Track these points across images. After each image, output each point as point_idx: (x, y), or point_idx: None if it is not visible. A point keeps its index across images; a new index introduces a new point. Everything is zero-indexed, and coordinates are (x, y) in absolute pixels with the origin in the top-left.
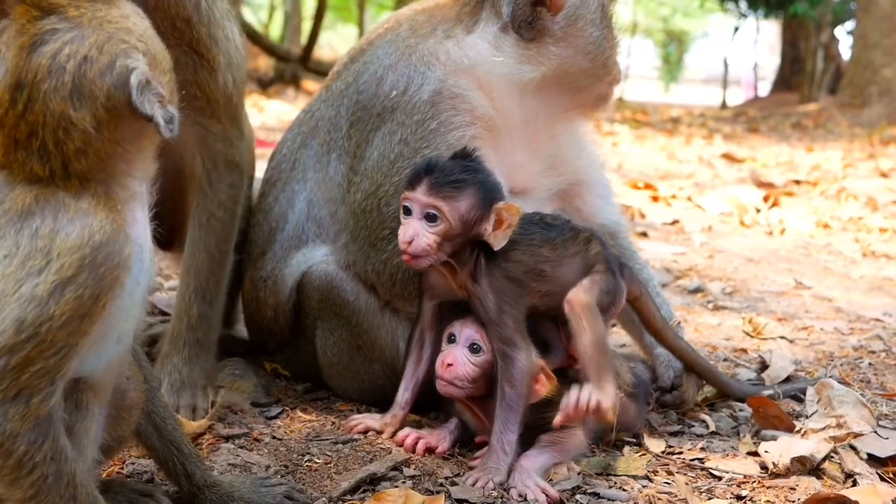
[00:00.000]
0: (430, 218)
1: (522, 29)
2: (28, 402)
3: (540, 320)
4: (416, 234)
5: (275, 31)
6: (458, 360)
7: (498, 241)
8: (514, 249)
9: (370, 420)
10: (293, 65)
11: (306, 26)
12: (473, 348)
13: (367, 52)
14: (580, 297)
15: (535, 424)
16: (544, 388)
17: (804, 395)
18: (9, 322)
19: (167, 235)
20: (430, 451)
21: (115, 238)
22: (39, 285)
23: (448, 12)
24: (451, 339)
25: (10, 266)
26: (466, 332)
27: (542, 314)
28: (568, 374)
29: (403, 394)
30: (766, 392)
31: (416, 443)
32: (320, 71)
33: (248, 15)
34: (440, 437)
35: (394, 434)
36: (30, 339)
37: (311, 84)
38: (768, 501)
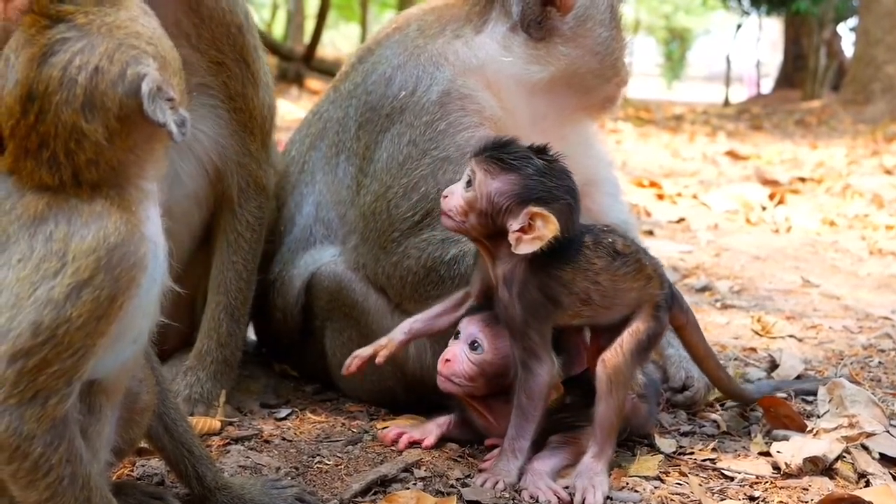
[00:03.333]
0: (468, 182)
1: (532, 29)
2: (45, 404)
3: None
4: (452, 192)
5: (277, 30)
6: (457, 357)
7: (519, 245)
8: (565, 269)
9: (363, 351)
10: (296, 63)
11: (309, 25)
12: (473, 346)
13: (375, 52)
14: (616, 360)
15: (546, 426)
16: (550, 397)
17: (815, 394)
18: (25, 325)
19: None
20: (414, 444)
21: (131, 238)
22: (55, 288)
23: (457, 12)
24: (457, 335)
25: (24, 270)
26: (470, 329)
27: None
28: (586, 379)
29: (413, 324)
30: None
31: (399, 437)
32: (324, 70)
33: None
34: (426, 431)
35: (394, 351)
36: (46, 341)
37: (314, 83)
38: (781, 502)
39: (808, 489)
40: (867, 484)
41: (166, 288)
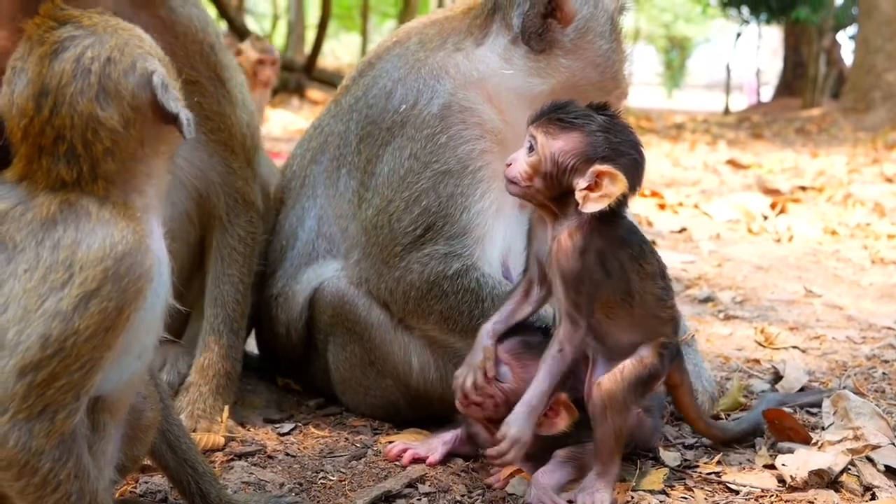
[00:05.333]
0: (530, 148)
1: (532, 41)
2: (53, 419)
3: None
4: (515, 159)
5: (278, 41)
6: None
7: (586, 204)
8: (625, 250)
9: (470, 381)
10: (297, 74)
11: (310, 35)
12: (500, 376)
13: (375, 65)
14: (612, 385)
15: (552, 441)
16: (564, 421)
17: (819, 406)
18: (34, 338)
19: None
20: (417, 461)
21: (138, 248)
22: (63, 300)
23: (458, 25)
24: None
25: (31, 280)
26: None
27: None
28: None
29: (494, 325)
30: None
31: (403, 453)
32: (324, 80)
33: (252, 24)
34: (431, 448)
35: (493, 350)
36: (55, 354)
37: (315, 93)
38: None
39: (813, 502)
40: (873, 497)
41: (168, 305)
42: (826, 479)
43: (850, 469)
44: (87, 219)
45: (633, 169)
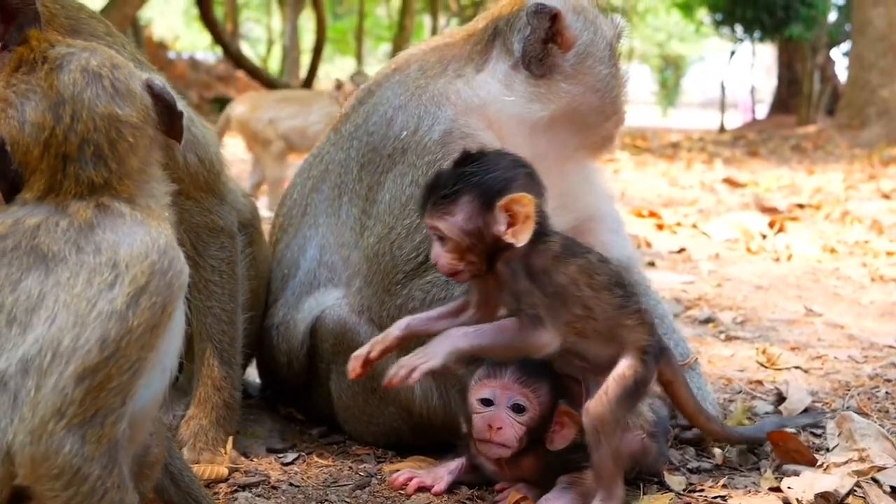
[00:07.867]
0: (439, 238)
1: (533, 66)
2: (103, 424)
3: (562, 375)
4: (438, 256)
5: (273, 65)
6: (506, 422)
7: (519, 237)
8: (571, 264)
9: (359, 352)
10: None
11: (305, 59)
12: (517, 408)
13: (375, 93)
14: (599, 408)
15: (555, 466)
16: (572, 430)
17: (822, 427)
18: (93, 341)
19: None
20: (422, 489)
21: (173, 244)
22: (117, 299)
23: (458, 51)
24: (487, 403)
25: (76, 286)
26: (507, 393)
27: (566, 369)
28: None
29: (410, 321)
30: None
31: (408, 482)
32: None
33: (247, 49)
34: (436, 477)
35: (389, 345)
36: (111, 356)
37: None
38: None
39: None
40: None
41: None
42: (832, 502)
43: (856, 491)
44: (122, 219)
45: (530, 180)
